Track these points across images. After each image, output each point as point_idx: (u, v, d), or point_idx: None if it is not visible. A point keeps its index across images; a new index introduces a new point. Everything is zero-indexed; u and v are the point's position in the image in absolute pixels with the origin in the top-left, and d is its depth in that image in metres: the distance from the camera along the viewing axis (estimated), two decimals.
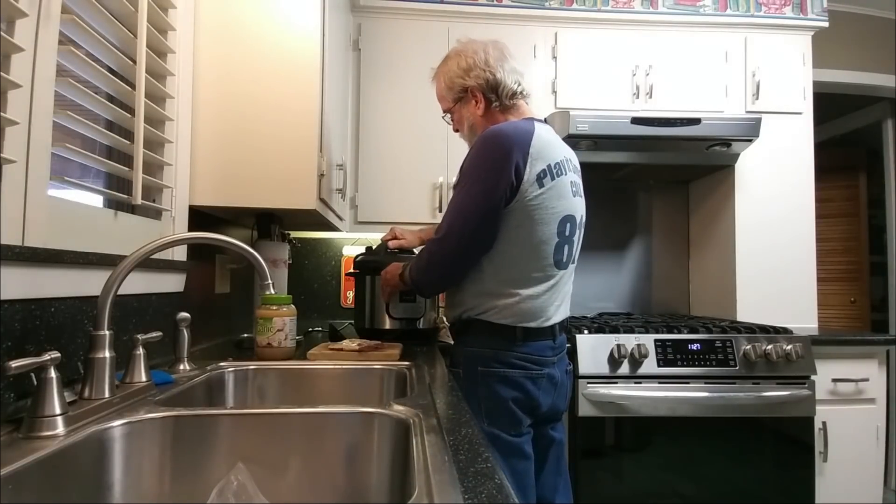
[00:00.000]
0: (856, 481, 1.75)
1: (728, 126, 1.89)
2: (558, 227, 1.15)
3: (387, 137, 2.00)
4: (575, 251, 1.22)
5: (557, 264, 1.17)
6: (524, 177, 1.09)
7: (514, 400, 1.13)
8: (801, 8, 2.11)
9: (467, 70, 1.22)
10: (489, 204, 1.09)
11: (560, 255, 1.17)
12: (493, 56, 1.21)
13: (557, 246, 1.15)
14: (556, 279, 1.18)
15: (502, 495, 0.47)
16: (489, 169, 1.10)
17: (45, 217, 0.75)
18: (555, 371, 1.19)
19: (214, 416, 0.75)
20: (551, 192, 1.12)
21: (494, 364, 1.14)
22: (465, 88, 1.23)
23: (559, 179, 1.14)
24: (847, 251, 3.42)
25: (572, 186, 1.19)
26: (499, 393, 1.13)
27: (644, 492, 1.60)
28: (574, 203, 1.19)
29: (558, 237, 1.15)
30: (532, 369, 1.15)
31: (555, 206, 1.13)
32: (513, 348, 1.15)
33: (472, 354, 1.17)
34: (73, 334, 0.80)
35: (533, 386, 1.15)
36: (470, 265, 1.16)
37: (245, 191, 1.29)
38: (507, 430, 1.12)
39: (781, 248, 2.08)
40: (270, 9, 1.31)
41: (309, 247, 2.26)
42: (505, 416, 1.13)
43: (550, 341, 1.18)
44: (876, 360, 1.79)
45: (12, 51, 0.68)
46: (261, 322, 1.18)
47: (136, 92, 1.01)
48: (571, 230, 1.18)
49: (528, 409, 1.15)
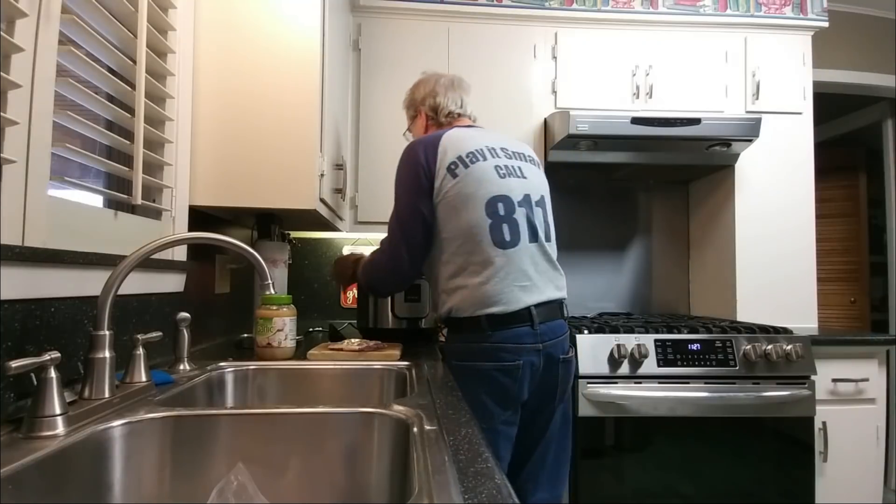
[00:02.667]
0: (856, 481, 1.75)
1: (728, 126, 1.89)
2: (486, 210, 1.19)
3: (387, 137, 2.00)
4: (524, 230, 1.21)
5: (500, 244, 1.18)
6: (435, 171, 1.20)
7: (487, 392, 1.14)
8: (801, 8, 2.11)
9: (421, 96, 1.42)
10: (413, 207, 1.22)
11: (499, 234, 1.18)
12: (442, 84, 1.39)
13: (492, 227, 1.18)
14: (505, 260, 1.17)
15: (502, 495, 0.47)
16: (405, 175, 1.24)
17: (45, 217, 0.75)
18: (536, 359, 1.17)
19: (214, 416, 0.75)
20: (467, 179, 1.19)
21: (467, 357, 1.17)
22: (417, 109, 1.43)
23: (475, 166, 1.21)
24: (847, 251, 3.42)
25: (499, 170, 1.23)
26: (470, 386, 1.11)
27: (644, 492, 1.60)
28: (505, 184, 1.22)
29: (490, 218, 1.18)
30: (505, 359, 1.14)
31: (474, 191, 1.19)
32: (482, 340, 1.15)
33: (450, 350, 1.22)
34: (73, 334, 0.80)
35: (506, 377, 1.14)
36: (416, 267, 1.27)
37: (245, 191, 1.29)
38: (480, 420, 1.13)
39: (781, 248, 2.08)
40: (270, 9, 1.31)
41: (309, 247, 2.26)
42: (477, 408, 1.11)
43: (528, 327, 1.16)
44: (876, 360, 1.79)
45: (12, 51, 0.68)
46: (261, 322, 1.18)
47: (136, 92, 1.01)
48: (508, 209, 1.20)
49: (502, 400, 1.15)
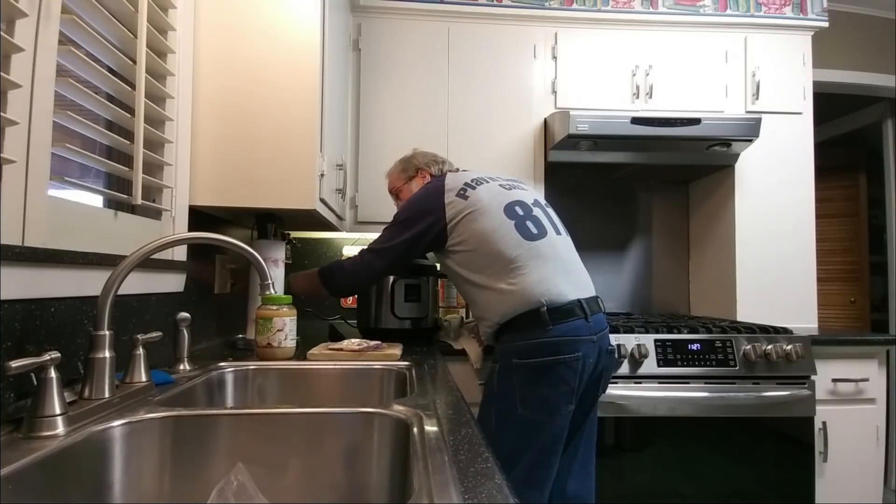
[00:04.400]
0: (856, 481, 1.75)
1: (728, 126, 1.89)
2: (506, 213, 1.28)
3: (387, 137, 2.00)
4: (547, 224, 1.31)
5: (528, 237, 1.25)
6: (444, 203, 1.31)
7: (551, 386, 1.16)
8: (801, 8, 2.11)
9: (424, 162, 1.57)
10: (409, 249, 1.34)
11: (525, 230, 1.27)
12: (437, 155, 1.59)
13: (517, 225, 1.27)
14: (537, 251, 1.24)
15: (502, 495, 0.47)
16: (405, 220, 1.34)
17: (45, 217, 0.75)
18: (592, 350, 1.20)
19: (214, 417, 0.75)
20: (478, 195, 1.31)
21: (528, 354, 1.18)
22: (417, 171, 1.55)
23: (480, 187, 1.34)
24: (847, 251, 3.42)
25: (503, 186, 1.36)
26: (532, 382, 1.16)
27: (644, 492, 1.60)
28: (514, 193, 1.35)
29: (512, 219, 1.27)
30: (566, 352, 1.17)
31: (487, 202, 1.29)
32: (542, 335, 1.17)
33: (508, 348, 1.22)
34: (73, 334, 0.80)
35: (568, 370, 1.17)
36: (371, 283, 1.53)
37: (245, 191, 1.29)
38: (543, 414, 1.16)
39: (781, 248, 2.08)
40: (270, 9, 1.31)
41: (309, 247, 2.26)
42: (540, 404, 1.16)
43: (582, 320, 1.20)
44: (876, 360, 1.78)
45: (12, 51, 0.68)
46: (261, 322, 1.18)
47: (136, 92, 1.01)
48: (526, 210, 1.31)
49: (566, 393, 1.17)
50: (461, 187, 1.33)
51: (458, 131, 2.02)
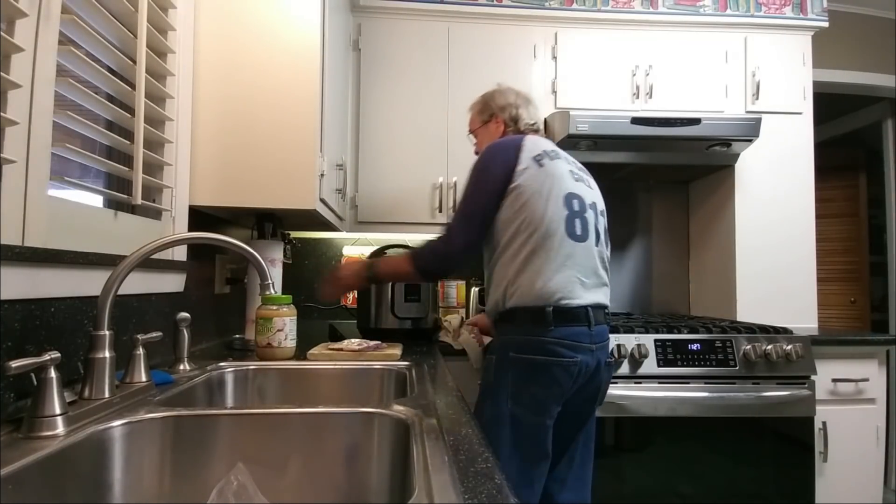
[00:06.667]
0: (856, 481, 1.75)
1: (728, 126, 1.89)
2: (565, 202, 1.22)
3: (387, 137, 2.00)
4: (592, 229, 1.25)
5: (572, 236, 1.21)
6: (518, 161, 1.24)
7: (542, 386, 1.15)
8: (801, 8, 2.11)
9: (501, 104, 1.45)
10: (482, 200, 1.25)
11: (573, 227, 1.22)
12: (522, 97, 1.46)
13: (568, 219, 1.22)
14: (575, 252, 1.20)
15: (502, 495, 0.47)
16: (482, 171, 1.27)
17: (45, 217, 0.75)
18: (590, 359, 1.19)
19: (214, 416, 0.75)
20: (551, 170, 1.24)
21: (526, 350, 1.17)
22: (493, 115, 1.44)
23: (556, 161, 1.26)
24: (847, 251, 3.42)
25: (573, 174, 1.28)
26: (524, 378, 1.15)
27: (644, 492, 1.60)
28: (578, 186, 1.27)
29: (567, 210, 1.22)
30: (564, 355, 1.16)
31: (555, 182, 1.23)
32: (543, 334, 1.16)
33: (506, 341, 1.21)
34: (73, 334, 0.80)
35: (563, 373, 1.16)
36: (470, 255, 1.29)
37: (245, 191, 1.29)
38: (530, 413, 1.15)
39: (781, 248, 2.08)
40: (270, 9, 1.31)
41: (309, 247, 2.26)
42: (528, 401, 1.15)
43: (585, 327, 1.19)
44: (876, 360, 1.79)
45: (12, 51, 0.68)
46: (261, 322, 1.18)
47: (136, 92, 1.01)
48: (581, 207, 1.25)
49: (555, 395, 1.17)
50: (539, 153, 1.26)
51: (459, 131, 2.01)
